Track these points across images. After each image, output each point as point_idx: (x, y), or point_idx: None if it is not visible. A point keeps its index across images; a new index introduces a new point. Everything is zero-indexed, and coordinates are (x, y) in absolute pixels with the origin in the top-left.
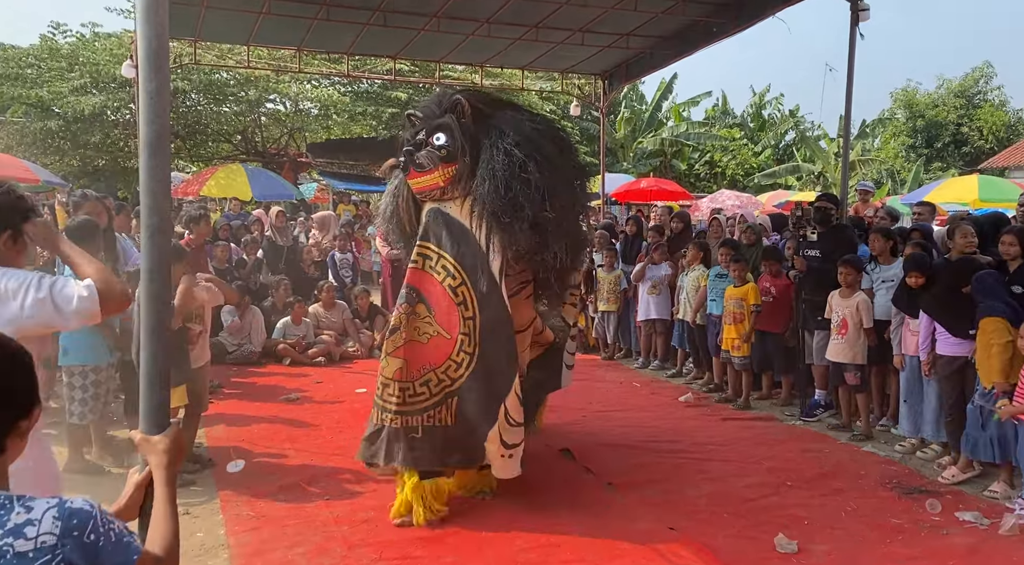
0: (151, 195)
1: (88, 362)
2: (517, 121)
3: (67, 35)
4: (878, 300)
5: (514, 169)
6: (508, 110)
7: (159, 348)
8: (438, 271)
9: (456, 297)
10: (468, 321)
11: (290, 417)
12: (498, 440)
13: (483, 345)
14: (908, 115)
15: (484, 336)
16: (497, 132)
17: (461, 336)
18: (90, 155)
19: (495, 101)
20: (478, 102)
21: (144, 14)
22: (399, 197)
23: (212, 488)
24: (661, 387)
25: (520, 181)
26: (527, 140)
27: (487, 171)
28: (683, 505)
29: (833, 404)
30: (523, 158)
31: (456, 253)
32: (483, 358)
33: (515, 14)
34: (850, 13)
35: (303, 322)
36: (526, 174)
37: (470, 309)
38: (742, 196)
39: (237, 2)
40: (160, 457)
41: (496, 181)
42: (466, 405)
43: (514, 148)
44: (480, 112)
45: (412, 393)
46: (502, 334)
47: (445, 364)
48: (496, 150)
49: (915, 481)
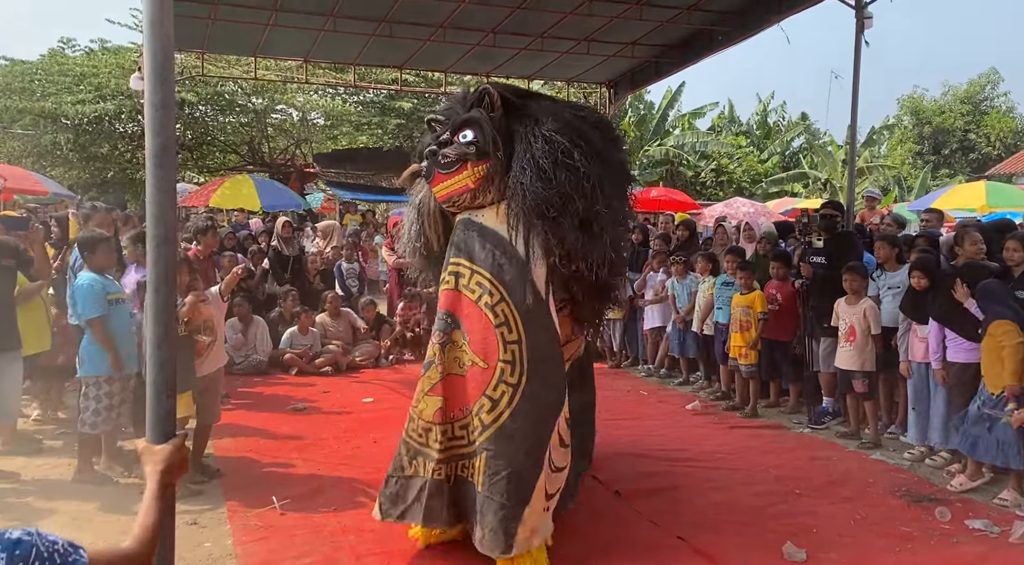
0: (157, 205)
1: (103, 373)
2: (555, 109)
3: (76, 50)
4: (884, 307)
5: (557, 156)
6: (544, 100)
7: (166, 358)
8: (472, 289)
9: (495, 317)
10: (512, 346)
11: (297, 427)
12: (543, 494)
13: (531, 375)
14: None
15: (532, 365)
16: (532, 120)
17: (501, 364)
18: (98, 167)
19: (528, 93)
20: (509, 93)
21: (150, 28)
22: (424, 211)
23: (219, 498)
24: (668, 395)
25: (566, 169)
26: (569, 126)
27: (526, 160)
28: (691, 513)
29: (841, 412)
30: (567, 144)
31: (492, 265)
32: (530, 392)
33: (520, 24)
34: (855, 21)
35: (310, 332)
36: (572, 161)
37: (514, 331)
38: (756, 204)
39: (244, 14)
40: (158, 466)
41: (538, 168)
42: (504, 456)
43: (555, 133)
44: (511, 103)
45: (451, 436)
46: (551, 360)
47: (479, 402)
48: (534, 137)
49: (924, 489)
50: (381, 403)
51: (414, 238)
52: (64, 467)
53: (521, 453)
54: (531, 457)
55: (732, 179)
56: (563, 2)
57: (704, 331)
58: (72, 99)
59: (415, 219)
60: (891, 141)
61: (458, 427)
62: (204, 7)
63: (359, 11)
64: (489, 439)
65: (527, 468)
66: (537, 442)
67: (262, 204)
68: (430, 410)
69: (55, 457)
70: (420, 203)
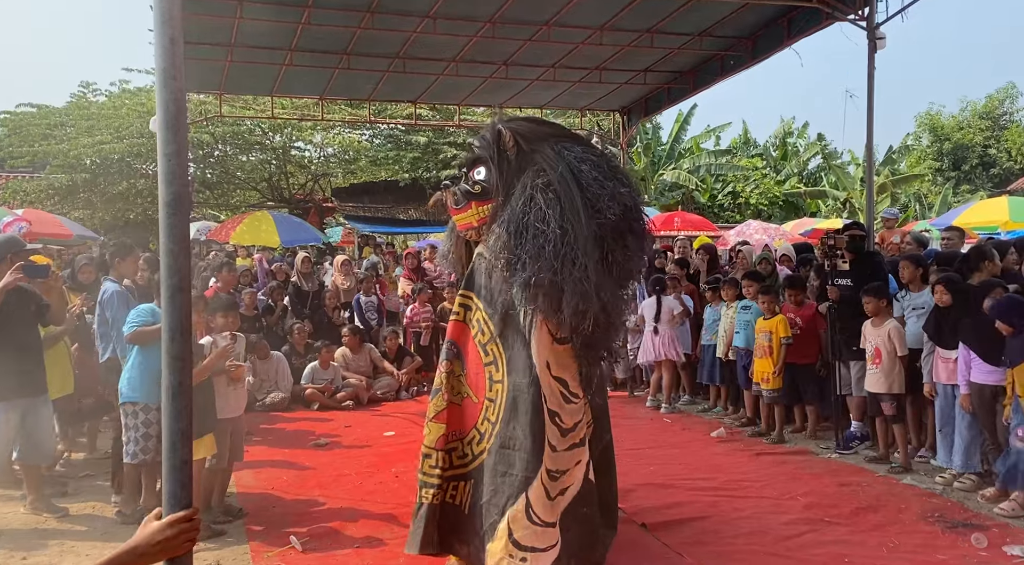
0: (170, 255)
1: (139, 400)
2: (557, 159)
3: (97, 94)
4: (909, 328)
5: (530, 218)
6: (557, 142)
7: (181, 408)
8: (473, 324)
9: (486, 356)
10: (496, 385)
11: (319, 463)
12: (506, 537)
13: (507, 418)
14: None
15: (510, 407)
16: (535, 170)
17: (487, 401)
18: (120, 207)
19: (545, 133)
20: (524, 133)
21: (162, 79)
22: (451, 237)
23: (243, 537)
24: (692, 422)
25: (532, 231)
26: (561, 182)
27: (506, 216)
28: (719, 544)
29: (869, 436)
30: (542, 205)
31: (488, 304)
32: (504, 433)
33: (532, 55)
34: (867, 41)
35: (330, 366)
36: (541, 224)
37: (500, 371)
38: (769, 228)
39: (260, 55)
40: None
41: (507, 228)
42: (481, 489)
43: (539, 193)
44: (521, 148)
45: (449, 463)
46: (524, 405)
47: (471, 433)
48: (522, 191)
49: (958, 514)
50: (402, 436)
51: (446, 257)
52: (90, 509)
53: (490, 489)
54: (496, 496)
55: (749, 202)
56: (574, 33)
57: (730, 357)
58: (91, 141)
59: (447, 241)
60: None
61: (455, 455)
62: (221, 50)
63: (373, 48)
64: (476, 469)
65: (493, 506)
66: (503, 484)
67: (281, 240)
68: (433, 436)
69: (82, 499)
70: (451, 227)
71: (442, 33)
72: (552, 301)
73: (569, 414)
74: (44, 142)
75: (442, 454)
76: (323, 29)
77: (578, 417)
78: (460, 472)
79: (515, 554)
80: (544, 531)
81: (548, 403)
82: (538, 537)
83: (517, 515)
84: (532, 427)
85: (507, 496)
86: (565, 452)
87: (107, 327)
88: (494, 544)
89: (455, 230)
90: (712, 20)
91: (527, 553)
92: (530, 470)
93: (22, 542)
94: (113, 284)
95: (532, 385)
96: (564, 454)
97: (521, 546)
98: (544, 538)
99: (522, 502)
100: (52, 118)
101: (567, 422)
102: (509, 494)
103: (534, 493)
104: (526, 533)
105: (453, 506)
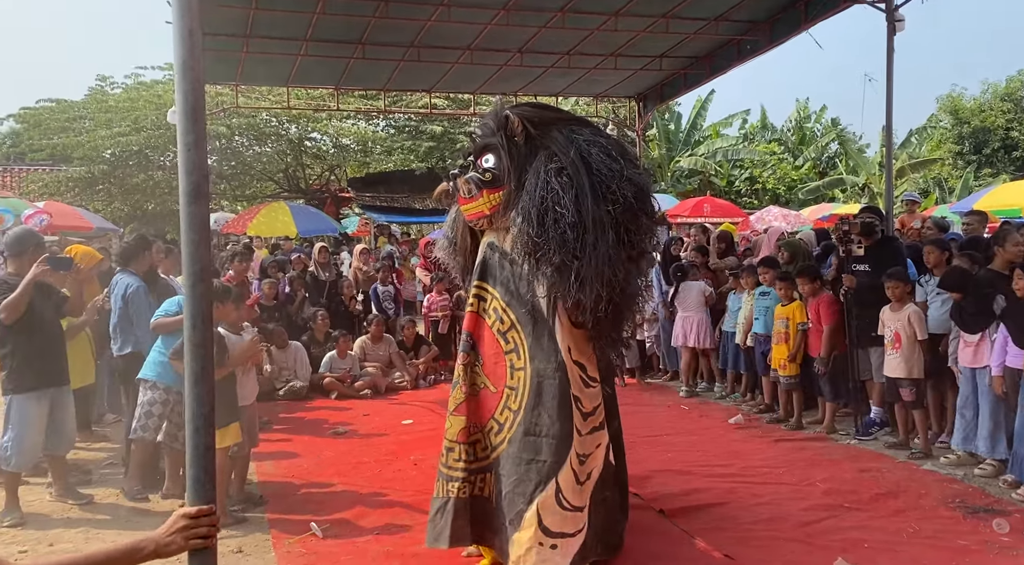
0: (191, 244)
1: (150, 377)
2: (567, 143)
3: (114, 87)
4: (932, 313)
5: (548, 202)
6: (565, 126)
7: (204, 394)
8: (489, 314)
9: (506, 344)
10: (518, 373)
11: (338, 451)
12: (535, 525)
13: (532, 404)
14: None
15: (533, 394)
16: (545, 155)
17: (507, 390)
18: (138, 199)
19: (551, 118)
20: (531, 118)
21: (181, 70)
22: (456, 227)
23: (263, 525)
24: (710, 409)
25: (553, 217)
26: (573, 166)
27: (523, 202)
28: (738, 530)
29: (889, 422)
30: (559, 190)
31: (506, 292)
32: (528, 420)
33: (547, 43)
34: (886, 24)
35: (348, 355)
36: (559, 209)
37: (521, 358)
38: (789, 214)
39: (276, 46)
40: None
41: (527, 214)
42: (502, 480)
43: (554, 177)
44: (530, 133)
45: (471, 455)
46: (551, 391)
47: (488, 423)
48: (537, 177)
49: (980, 500)
50: (420, 424)
51: (448, 250)
52: (113, 497)
53: (513, 479)
54: (522, 485)
55: (767, 187)
56: (589, 19)
57: (747, 343)
58: (109, 133)
59: (449, 233)
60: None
61: (479, 447)
62: (237, 41)
63: (388, 38)
64: (496, 460)
65: (518, 495)
66: (529, 472)
67: (298, 230)
68: (454, 429)
69: (105, 487)
70: (454, 219)
71: (456, 21)
72: (574, 285)
73: (589, 398)
74: (63, 135)
75: (465, 447)
76: (338, 18)
77: (597, 401)
78: (483, 464)
79: (545, 541)
80: (574, 516)
81: (572, 387)
82: (568, 522)
83: (547, 502)
84: (560, 412)
85: (535, 483)
86: (588, 435)
87: (127, 322)
88: (521, 533)
89: (459, 220)
90: (729, 4)
91: (557, 539)
92: (559, 455)
93: (48, 529)
94: (133, 278)
95: (558, 370)
96: (587, 437)
97: (551, 533)
98: (574, 522)
99: (552, 488)
100: (71, 112)
101: (587, 406)
102: (537, 481)
103: (564, 478)
104: (556, 519)
105: (483, 498)
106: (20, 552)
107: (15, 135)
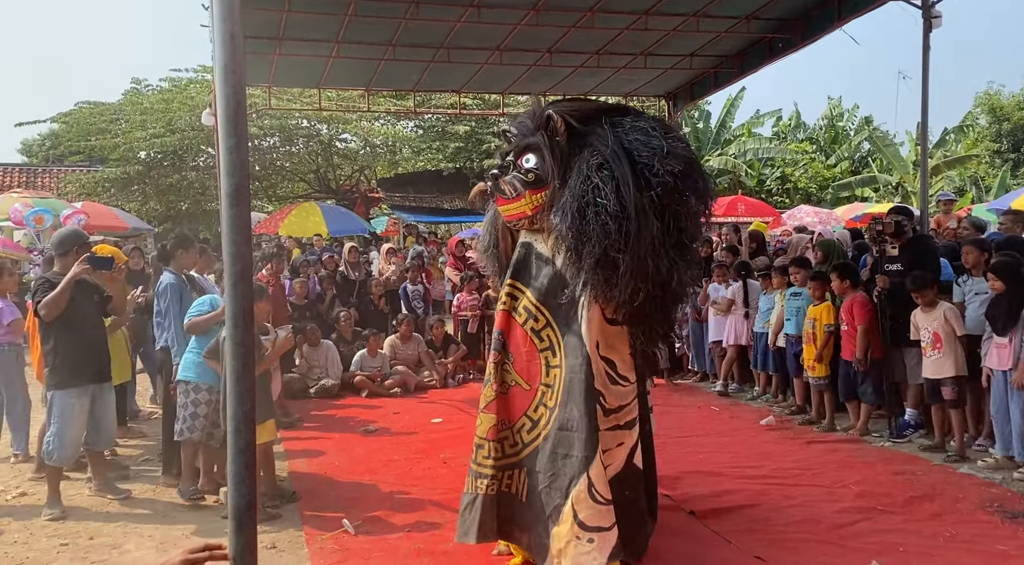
0: (233, 244)
1: (192, 379)
2: (607, 135)
3: (148, 89)
4: (970, 313)
5: (589, 196)
6: (605, 117)
7: (244, 391)
8: (520, 313)
9: (540, 341)
10: (554, 370)
11: (369, 448)
12: (571, 520)
13: (566, 401)
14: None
15: (568, 391)
16: (588, 151)
17: (543, 387)
18: (172, 199)
19: (591, 110)
20: (573, 116)
21: (222, 73)
22: (495, 228)
23: (296, 521)
24: (741, 410)
25: (594, 211)
26: (614, 157)
27: (565, 198)
28: (770, 533)
29: (923, 424)
30: (599, 183)
31: (541, 292)
32: (563, 417)
33: (576, 42)
34: (922, 21)
35: (378, 354)
36: (600, 202)
37: (557, 356)
38: (821, 212)
39: (308, 48)
40: None
41: (567, 209)
42: (537, 475)
43: (595, 172)
44: (573, 129)
45: (500, 452)
46: (579, 386)
47: (520, 421)
48: (578, 172)
49: (1019, 504)
50: (449, 423)
51: (487, 252)
52: (151, 492)
53: (549, 474)
54: (558, 479)
55: (798, 186)
56: (619, 19)
57: (778, 344)
58: (144, 134)
59: (488, 234)
60: (967, 141)
61: (507, 444)
62: (270, 43)
63: (418, 39)
64: (528, 457)
65: (555, 490)
66: (564, 467)
67: (329, 230)
68: (484, 426)
69: (143, 482)
70: (492, 220)
71: (486, 22)
72: (613, 278)
73: (615, 395)
74: (100, 137)
75: (494, 444)
76: (369, 20)
77: (625, 400)
78: (513, 461)
79: (582, 536)
80: (608, 509)
81: (596, 381)
82: (602, 516)
83: (580, 496)
84: (587, 406)
85: (569, 478)
86: (607, 432)
87: (161, 317)
88: (560, 527)
89: (497, 222)
90: (760, 2)
91: (593, 534)
92: (588, 449)
93: (87, 523)
94: (170, 275)
95: (584, 365)
96: (606, 434)
97: (587, 527)
98: (608, 516)
99: (584, 482)
100: (107, 114)
101: (611, 402)
102: (571, 476)
103: (595, 471)
104: (590, 513)
105: (510, 495)
106: (61, 545)
107: (54, 137)
